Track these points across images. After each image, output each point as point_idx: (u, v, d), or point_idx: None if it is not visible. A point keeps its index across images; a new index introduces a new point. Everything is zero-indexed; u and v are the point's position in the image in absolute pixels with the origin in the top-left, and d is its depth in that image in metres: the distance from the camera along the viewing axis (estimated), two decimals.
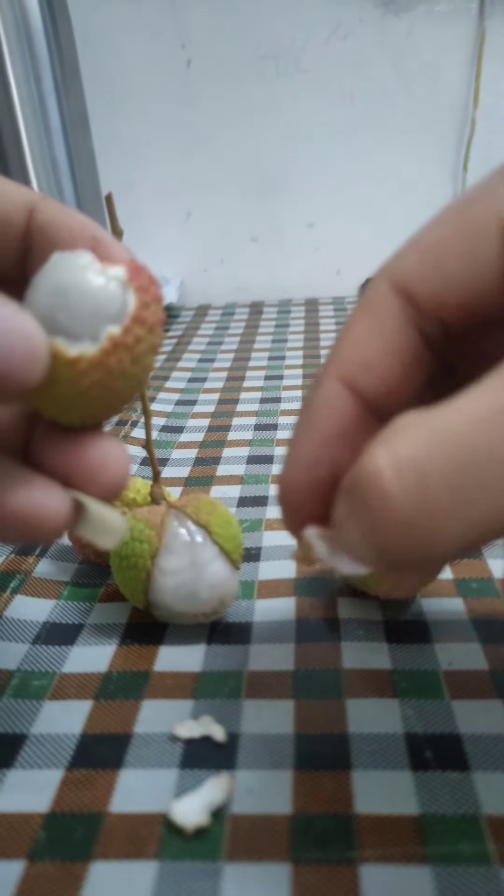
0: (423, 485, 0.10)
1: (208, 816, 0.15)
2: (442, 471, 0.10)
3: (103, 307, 0.11)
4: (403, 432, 0.10)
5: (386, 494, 0.10)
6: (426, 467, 0.10)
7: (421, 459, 0.10)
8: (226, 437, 0.35)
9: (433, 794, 0.15)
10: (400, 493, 0.10)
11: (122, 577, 0.20)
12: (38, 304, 0.12)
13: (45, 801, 0.15)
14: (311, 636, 0.20)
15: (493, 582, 0.22)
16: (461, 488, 0.09)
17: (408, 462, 0.10)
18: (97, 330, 0.11)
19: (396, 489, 0.10)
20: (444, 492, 0.09)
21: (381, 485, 0.10)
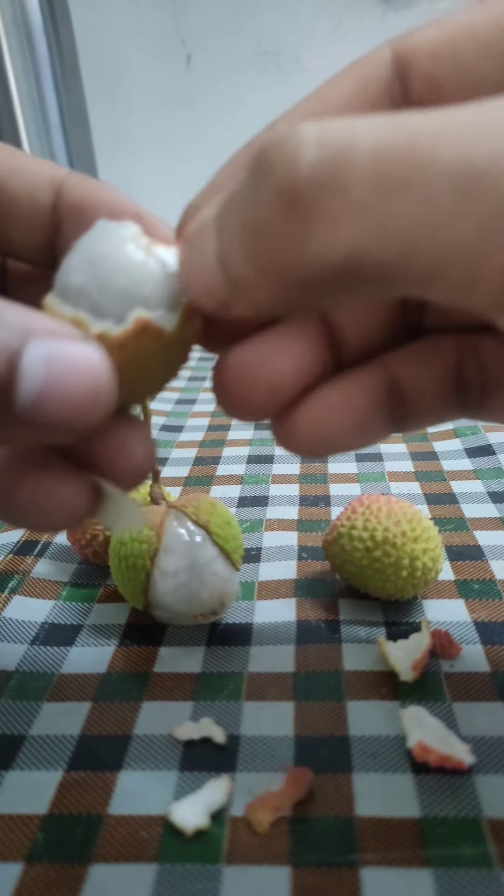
0: (344, 162, 0.08)
1: (208, 818, 0.15)
2: (376, 154, 0.08)
3: (137, 286, 0.11)
4: (346, 119, 0.08)
5: (296, 158, 0.08)
6: (360, 136, 0.08)
7: (357, 133, 0.08)
8: (226, 437, 0.35)
9: (434, 796, 0.15)
10: (311, 159, 0.08)
11: (121, 577, 0.20)
12: (70, 270, 0.11)
13: (44, 802, 0.15)
14: (312, 637, 0.20)
15: (494, 583, 0.22)
16: (385, 186, 0.08)
17: (338, 132, 0.08)
18: (125, 310, 0.11)
19: (310, 155, 0.08)
20: (365, 187, 0.08)
21: (295, 148, 0.08)
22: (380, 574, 0.20)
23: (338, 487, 0.29)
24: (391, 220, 0.08)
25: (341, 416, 0.12)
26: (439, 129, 0.08)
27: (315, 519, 0.27)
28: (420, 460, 0.31)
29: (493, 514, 0.27)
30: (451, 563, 0.23)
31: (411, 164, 0.08)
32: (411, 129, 0.08)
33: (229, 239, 0.09)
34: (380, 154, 0.08)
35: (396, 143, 0.08)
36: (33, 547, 0.25)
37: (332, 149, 0.08)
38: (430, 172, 0.08)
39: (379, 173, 0.08)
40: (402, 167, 0.08)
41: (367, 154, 0.08)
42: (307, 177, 0.08)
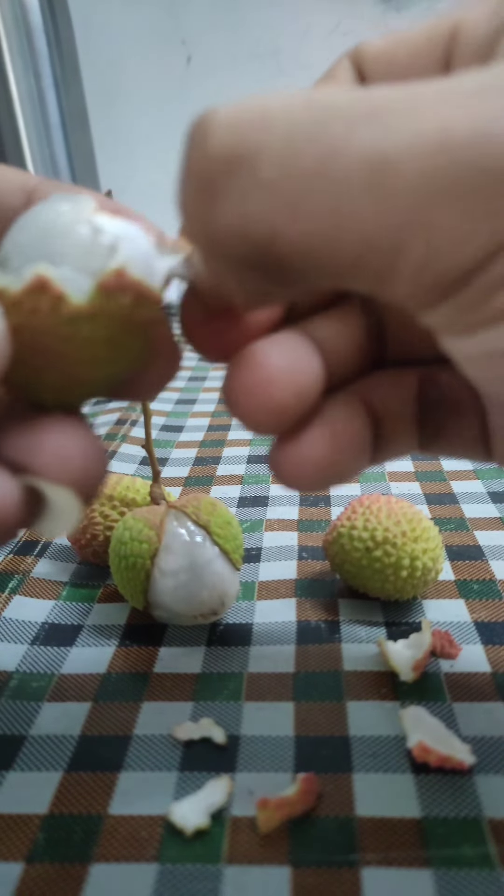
0: (252, 141, 0.08)
1: (208, 819, 0.15)
2: (287, 134, 0.08)
3: (46, 239, 0.10)
4: (262, 95, 0.09)
5: (206, 136, 0.08)
6: (271, 115, 0.08)
7: (271, 112, 0.08)
8: (226, 437, 0.35)
9: (434, 796, 0.15)
10: (220, 139, 0.08)
11: (121, 577, 0.20)
12: (12, 239, 0.10)
13: (44, 802, 0.15)
14: (312, 638, 0.20)
15: (494, 583, 0.22)
16: (296, 167, 0.08)
17: (252, 111, 0.08)
18: (30, 265, 0.10)
19: (221, 133, 0.08)
20: (273, 165, 0.08)
21: (207, 126, 0.08)
22: (380, 574, 0.20)
23: (338, 487, 0.29)
24: (302, 203, 0.08)
25: (338, 452, 0.12)
26: (356, 113, 0.08)
27: (315, 519, 0.27)
28: (420, 460, 0.31)
29: (493, 514, 0.27)
30: (451, 563, 0.23)
31: (322, 151, 0.08)
32: (326, 112, 0.08)
33: (181, 211, 0.09)
34: (291, 137, 0.08)
35: (310, 126, 0.08)
36: (33, 547, 0.25)
37: (243, 127, 0.08)
38: (341, 161, 0.08)
39: (289, 156, 0.08)
40: (313, 153, 0.08)
41: (279, 135, 0.08)
42: (214, 154, 0.08)
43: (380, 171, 0.08)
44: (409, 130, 0.08)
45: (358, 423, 0.12)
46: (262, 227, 0.08)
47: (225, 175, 0.08)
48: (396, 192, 0.08)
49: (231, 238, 0.09)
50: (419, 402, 0.13)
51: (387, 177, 0.08)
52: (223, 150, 0.08)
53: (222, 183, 0.08)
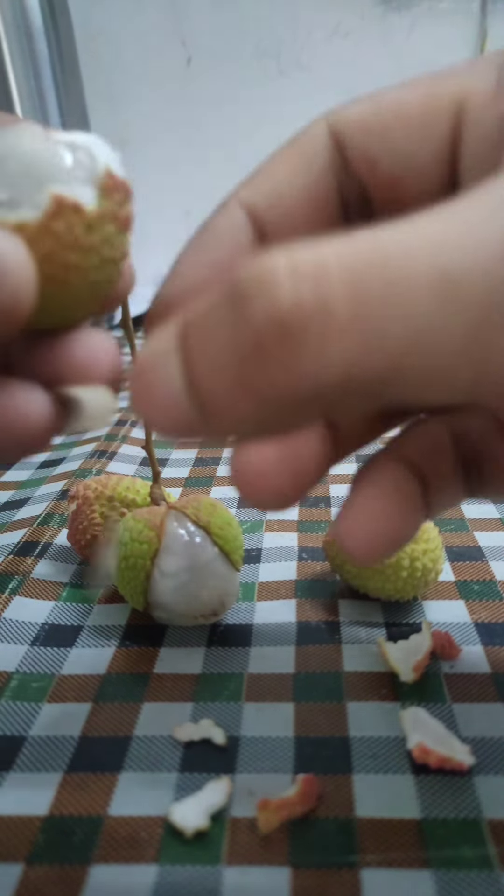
0: (324, 290, 0.08)
1: (208, 820, 0.15)
2: (349, 275, 0.08)
3: (43, 165, 0.10)
4: (313, 242, 0.09)
5: (275, 287, 0.08)
6: (331, 262, 0.08)
7: (327, 256, 0.08)
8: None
9: (434, 797, 0.15)
10: (290, 288, 0.08)
11: (121, 578, 0.20)
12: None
13: (44, 803, 0.15)
14: (312, 638, 0.20)
15: (495, 584, 0.22)
16: (365, 305, 0.08)
17: (309, 258, 0.08)
18: (38, 193, 0.10)
19: (289, 287, 0.08)
20: (345, 306, 0.08)
21: (272, 276, 0.08)
22: (380, 575, 0.20)
23: (338, 488, 0.29)
24: (378, 334, 0.08)
25: (398, 508, 0.12)
26: (408, 242, 0.08)
27: (315, 520, 0.27)
28: None
29: (493, 515, 0.27)
30: (452, 563, 0.23)
31: (388, 278, 0.08)
32: (380, 246, 0.08)
33: (205, 366, 0.09)
34: (354, 274, 0.08)
35: (368, 260, 0.08)
36: (33, 548, 0.25)
37: (308, 274, 0.08)
38: (407, 284, 0.08)
39: (357, 292, 0.08)
40: (379, 282, 0.08)
41: (342, 275, 0.08)
42: (290, 303, 0.08)
43: (447, 288, 0.08)
44: (467, 245, 0.08)
45: (412, 492, 0.13)
46: (346, 365, 0.08)
47: (302, 322, 0.08)
48: (466, 304, 0.08)
49: (316, 382, 0.09)
50: (456, 452, 0.13)
51: (454, 292, 0.08)
52: (296, 299, 0.08)
53: (302, 331, 0.08)
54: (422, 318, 0.08)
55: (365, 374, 0.09)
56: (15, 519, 0.28)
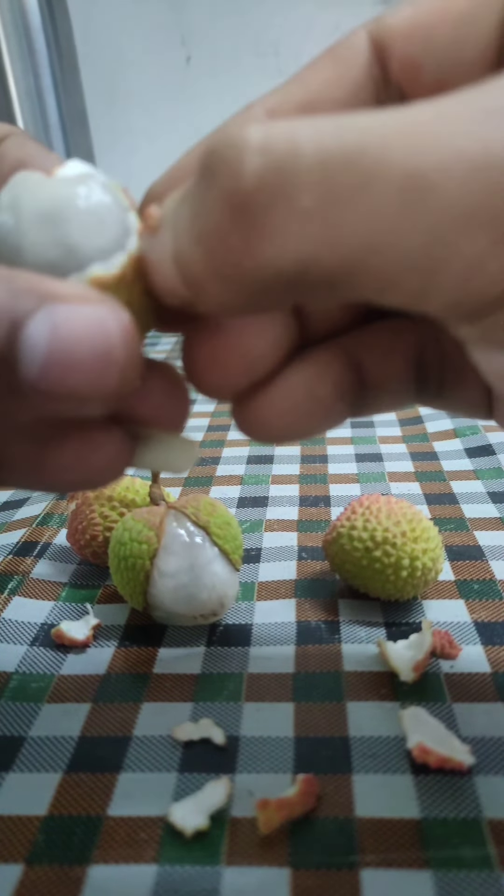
0: (289, 169, 0.08)
1: (207, 820, 0.15)
2: (321, 160, 0.08)
3: (111, 221, 0.10)
4: (295, 120, 0.08)
5: (239, 166, 0.08)
6: (304, 141, 0.08)
7: (301, 138, 0.08)
8: (225, 437, 0.35)
9: (434, 797, 0.15)
10: (256, 168, 0.08)
11: (120, 578, 0.20)
12: (17, 233, 0.10)
13: (44, 804, 0.15)
14: (312, 638, 0.20)
15: (495, 583, 0.22)
16: (333, 194, 0.08)
17: (282, 138, 0.08)
18: (113, 249, 0.10)
19: (254, 162, 0.08)
20: (312, 194, 0.08)
21: (239, 155, 0.08)
22: (380, 574, 0.20)
23: (338, 488, 0.29)
24: (340, 229, 0.08)
25: (304, 406, 0.12)
26: (387, 133, 0.08)
27: (315, 519, 0.27)
28: (420, 460, 0.31)
29: (493, 515, 0.26)
30: (451, 563, 0.23)
31: (358, 172, 0.08)
32: (358, 135, 0.08)
33: (182, 241, 0.09)
34: (325, 162, 0.08)
35: (343, 149, 0.08)
36: (33, 548, 0.25)
37: (277, 155, 0.08)
38: (377, 182, 0.08)
39: (325, 182, 0.08)
40: (349, 176, 0.08)
41: (313, 161, 0.08)
42: (252, 185, 0.08)
43: (416, 189, 0.08)
44: (447, 147, 0.08)
45: (330, 382, 0.12)
46: (300, 256, 0.08)
47: (263, 207, 0.08)
48: (433, 211, 0.08)
49: (265, 269, 0.08)
50: (418, 360, 0.13)
51: (423, 195, 0.08)
52: (259, 182, 0.08)
53: (261, 215, 0.08)
54: (385, 218, 0.08)
55: (321, 267, 0.08)
56: (14, 519, 0.28)
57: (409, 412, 0.36)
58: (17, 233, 0.10)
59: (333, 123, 0.08)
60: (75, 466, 0.11)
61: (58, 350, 0.09)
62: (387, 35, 0.11)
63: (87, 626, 0.21)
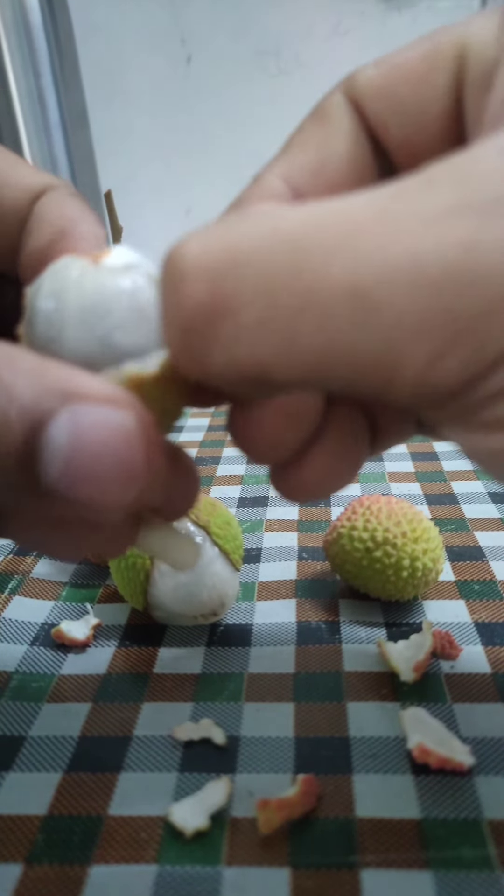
0: (229, 291, 0.08)
1: (208, 820, 0.14)
2: (262, 282, 0.08)
3: (154, 318, 0.10)
4: (230, 223, 0.08)
5: (182, 274, 0.08)
6: (242, 258, 0.08)
7: (241, 254, 0.08)
8: (226, 437, 0.35)
9: (434, 798, 0.15)
10: (198, 289, 0.08)
11: (120, 578, 0.20)
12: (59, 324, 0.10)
13: (44, 803, 0.15)
14: (312, 638, 0.20)
15: (495, 584, 0.22)
16: (278, 312, 0.08)
17: (221, 255, 0.08)
18: (147, 348, 0.10)
19: (195, 283, 0.08)
20: (254, 310, 0.08)
21: (182, 262, 0.08)
22: (380, 574, 0.20)
23: None
24: (291, 340, 0.08)
25: (342, 464, 0.12)
26: (328, 242, 0.08)
27: (315, 519, 0.27)
28: (420, 461, 0.31)
29: (493, 515, 0.26)
30: (452, 563, 0.23)
31: (301, 290, 0.08)
32: (297, 251, 0.08)
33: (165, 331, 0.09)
34: (264, 283, 0.08)
35: (281, 269, 0.08)
36: None
37: (215, 276, 0.08)
38: (321, 297, 0.08)
39: (266, 303, 0.08)
40: (292, 293, 0.08)
41: (254, 280, 0.08)
42: (191, 307, 0.08)
43: (360, 304, 0.08)
44: (383, 261, 0.08)
45: (355, 434, 0.12)
46: (252, 366, 0.08)
47: (206, 325, 0.08)
48: (378, 323, 0.08)
49: (223, 375, 0.09)
50: None
51: (366, 309, 0.08)
52: (199, 304, 0.08)
53: (205, 334, 0.08)
54: (335, 332, 0.08)
55: (283, 371, 0.08)
56: None
57: None
58: (58, 321, 0.10)
59: (271, 233, 0.08)
60: (76, 543, 0.11)
61: (78, 455, 0.09)
62: (356, 93, 0.12)
63: (87, 626, 0.21)
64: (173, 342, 0.09)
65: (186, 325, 0.08)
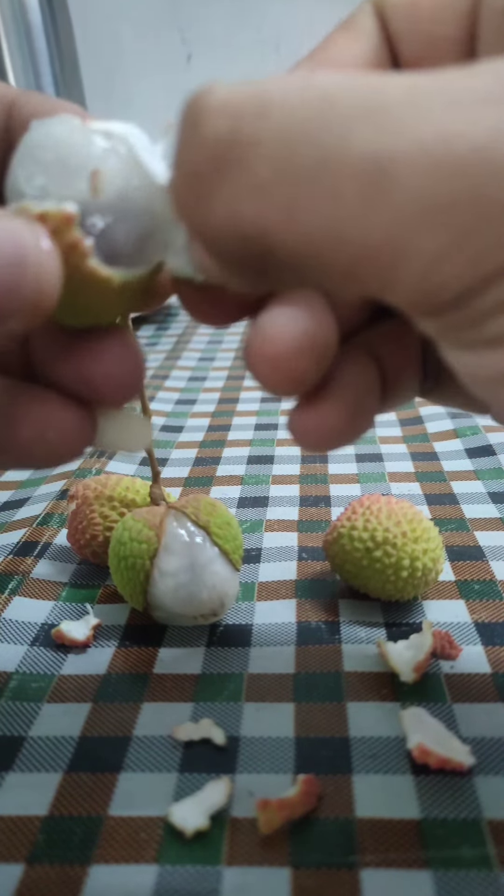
0: (249, 137, 0.08)
1: (208, 820, 0.15)
2: (283, 134, 0.08)
3: (78, 158, 0.10)
4: (268, 78, 0.08)
5: (200, 126, 0.08)
6: (268, 103, 0.08)
7: (268, 103, 0.08)
8: (226, 437, 0.35)
9: (434, 797, 0.15)
10: (216, 130, 0.08)
11: (120, 578, 0.20)
12: (12, 170, 0.10)
13: (44, 803, 0.15)
14: (312, 638, 0.20)
15: (495, 584, 0.22)
16: (290, 171, 0.07)
17: (248, 100, 0.08)
18: (70, 186, 0.10)
19: (214, 124, 0.08)
20: (268, 162, 0.08)
21: (206, 99, 0.08)
22: (380, 574, 0.20)
23: (338, 488, 0.29)
24: (296, 206, 0.08)
25: (357, 409, 0.12)
26: (355, 110, 0.08)
27: (315, 519, 0.27)
28: (420, 461, 0.31)
29: (493, 515, 0.26)
30: (452, 563, 0.23)
31: (318, 153, 0.08)
32: (325, 108, 0.08)
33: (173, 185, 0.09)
34: (287, 133, 0.08)
35: (307, 123, 0.08)
36: (33, 548, 0.25)
37: (240, 115, 0.08)
38: (336, 166, 0.08)
39: (284, 156, 0.08)
40: (309, 154, 0.08)
41: (275, 129, 0.08)
42: (208, 145, 0.08)
43: (376, 179, 0.07)
44: (409, 137, 0.07)
45: (371, 383, 0.12)
46: (254, 226, 0.08)
47: (217, 171, 0.08)
48: (393, 202, 0.08)
49: (223, 231, 0.09)
50: (422, 349, 0.13)
51: (383, 185, 0.08)
52: (217, 142, 0.08)
53: (215, 179, 0.08)
54: (343, 203, 0.08)
55: (281, 242, 0.08)
56: (14, 519, 0.28)
57: (409, 412, 0.36)
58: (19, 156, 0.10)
59: (303, 87, 0.08)
60: (34, 443, 0.11)
61: None
62: (384, 8, 0.12)
63: (87, 626, 0.21)
64: (179, 184, 0.09)
65: (198, 164, 0.08)
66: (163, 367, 0.48)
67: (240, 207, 0.08)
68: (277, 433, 0.35)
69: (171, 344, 0.53)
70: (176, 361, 0.49)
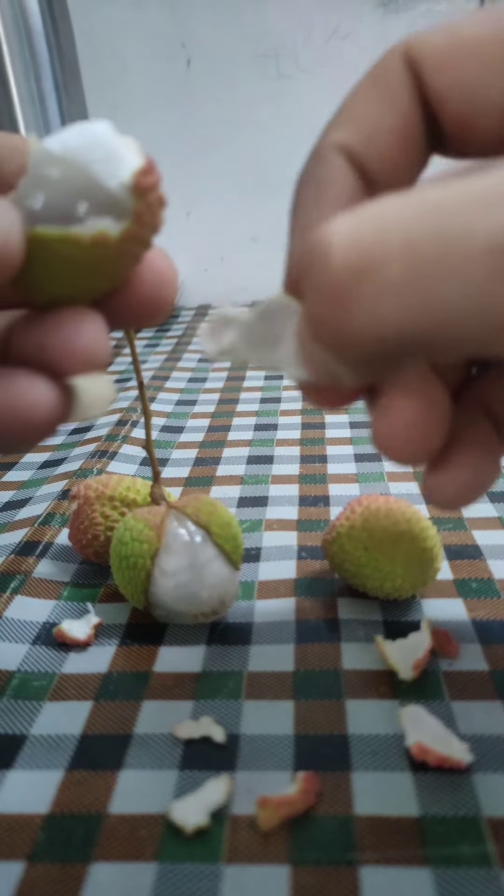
0: (378, 248, 0.09)
1: (208, 817, 0.15)
2: (406, 240, 0.09)
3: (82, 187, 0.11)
4: (375, 202, 0.09)
5: (328, 254, 0.09)
6: (388, 224, 0.09)
7: (387, 222, 0.09)
8: (226, 438, 0.35)
9: (433, 795, 0.15)
10: (344, 252, 0.09)
11: (121, 577, 0.20)
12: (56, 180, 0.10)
13: (45, 802, 0.15)
14: (311, 637, 0.20)
15: (493, 582, 0.22)
16: (419, 268, 0.09)
17: (369, 223, 0.09)
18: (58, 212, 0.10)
19: (341, 248, 0.09)
20: (398, 263, 0.09)
21: (327, 245, 0.09)
22: (378, 573, 0.20)
23: (337, 487, 0.29)
24: (432, 296, 0.09)
25: (485, 465, 0.13)
26: (467, 209, 0.09)
27: (314, 519, 0.27)
28: None
29: (491, 514, 0.27)
30: (450, 562, 0.23)
31: (443, 245, 0.09)
32: (440, 211, 0.09)
33: (301, 329, 0.11)
34: (410, 238, 0.09)
35: (427, 226, 0.09)
36: (35, 548, 0.25)
37: (363, 241, 0.09)
38: (462, 252, 0.09)
39: (411, 256, 0.09)
40: (434, 248, 0.09)
41: (398, 239, 0.09)
42: (340, 266, 0.09)
43: (497, 257, 0.08)
44: None
45: (487, 432, 0.13)
46: (400, 322, 0.09)
47: (354, 285, 0.09)
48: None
49: (364, 338, 0.10)
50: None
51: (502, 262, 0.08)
52: (348, 265, 0.09)
53: (352, 292, 0.09)
54: (475, 283, 0.09)
55: (419, 332, 0.09)
56: (16, 519, 0.28)
57: None
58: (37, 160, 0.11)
59: (415, 204, 0.09)
60: (9, 412, 0.11)
61: None
62: (418, 62, 0.12)
63: (88, 625, 0.21)
64: (317, 308, 0.10)
65: (334, 288, 0.09)
66: (163, 369, 0.48)
67: (379, 310, 0.09)
68: (277, 433, 0.35)
69: (172, 345, 0.54)
70: (176, 363, 0.49)
